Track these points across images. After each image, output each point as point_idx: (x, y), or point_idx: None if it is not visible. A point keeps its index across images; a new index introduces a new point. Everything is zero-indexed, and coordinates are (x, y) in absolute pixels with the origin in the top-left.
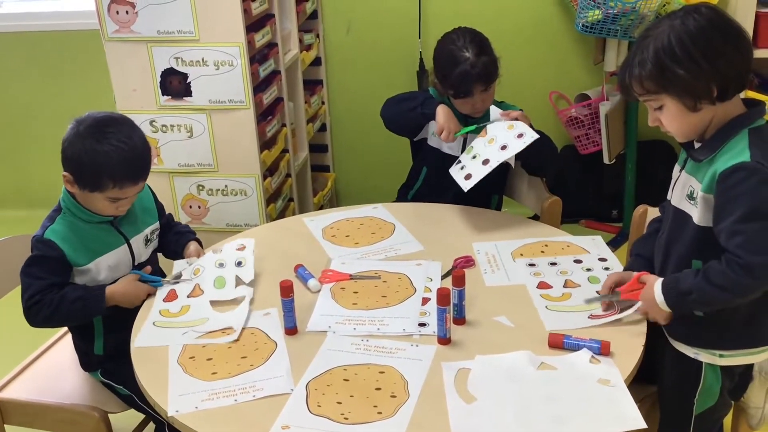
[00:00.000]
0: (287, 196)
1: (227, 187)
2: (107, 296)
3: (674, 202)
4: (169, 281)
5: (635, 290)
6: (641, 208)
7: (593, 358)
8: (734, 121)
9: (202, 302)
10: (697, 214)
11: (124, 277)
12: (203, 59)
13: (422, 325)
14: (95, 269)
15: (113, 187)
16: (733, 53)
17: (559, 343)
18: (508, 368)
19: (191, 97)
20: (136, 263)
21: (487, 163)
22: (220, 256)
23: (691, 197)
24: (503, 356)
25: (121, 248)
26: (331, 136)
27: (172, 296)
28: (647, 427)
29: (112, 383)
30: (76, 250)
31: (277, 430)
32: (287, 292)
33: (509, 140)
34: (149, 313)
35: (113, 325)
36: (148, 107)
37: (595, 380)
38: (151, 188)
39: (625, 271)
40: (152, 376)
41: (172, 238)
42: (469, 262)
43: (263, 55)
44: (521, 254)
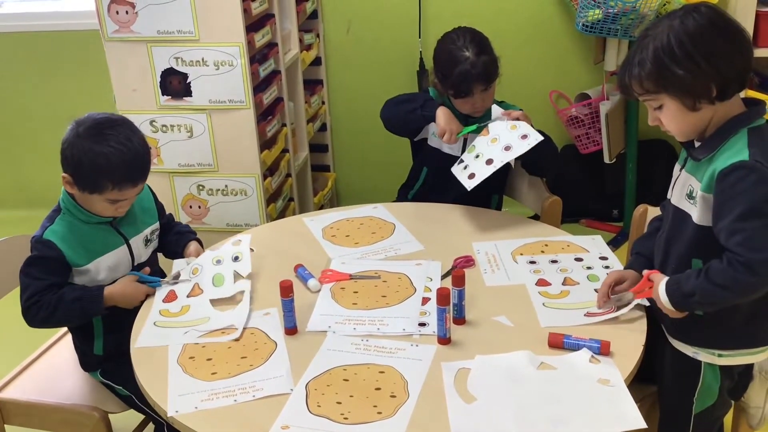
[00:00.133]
0: (287, 196)
1: (227, 187)
2: (105, 297)
3: (674, 201)
4: (167, 281)
5: (647, 289)
6: (642, 207)
7: (593, 357)
8: (734, 120)
9: (202, 301)
10: (696, 213)
11: (122, 277)
12: (203, 59)
13: (422, 324)
14: (94, 270)
15: (112, 189)
16: (732, 53)
17: (559, 342)
18: (507, 368)
19: (191, 97)
20: (135, 263)
21: (490, 163)
22: (217, 253)
23: (690, 196)
24: (503, 356)
25: (120, 249)
26: (331, 135)
27: (171, 297)
28: (647, 426)
29: (111, 383)
30: (75, 250)
31: (276, 430)
32: (287, 292)
33: (513, 141)
34: (149, 313)
35: (113, 325)
36: (148, 107)
37: (595, 380)
38: (151, 188)
39: (625, 269)
40: (152, 376)
41: (172, 238)
42: (469, 261)
43: (263, 54)
44: (521, 254)
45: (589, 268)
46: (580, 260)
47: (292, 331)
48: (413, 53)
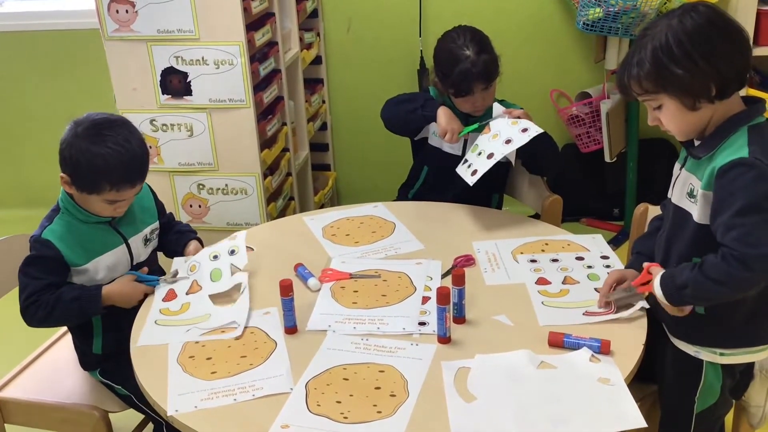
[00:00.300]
0: (288, 195)
1: (227, 186)
2: (104, 296)
3: (674, 200)
4: (166, 280)
5: (647, 282)
6: (642, 206)
7: (593, 356)
8: (734, 118)
9: (201, 298)
10: (697, 211)
11: (120, 277)
12: (203, 58)
13: (422, 324)
14: (93, 269)
15: (110, 189)
16: (731, 52)
17: (559, 342)
18: (508, 367)
19: (191, 96)
20: (134, 263)
21: (491, 156)
22: (213, 248)
23: (691, 195)
24: (503, 355)
25: (119, 248)
26: (331, 134)
27: (171, 295)
28: (647, 426)
29: (110, 383)
30: (73, 250)
31: (276, 429)
32: (287, 291)
33: (513, 134)
34: (149, 312)
35: (112, 324)
36: (148, 106)
37: (595, 379)
38: (151, 187)
39: (626, 269)
40: (151, 375)
41: (172, 237)
42: (469, 260)
43: (263, 53)
44: (521, 253)
45: (589, 267)
46: (580, 259)
47: (291, 330)
48: (414, 52)
